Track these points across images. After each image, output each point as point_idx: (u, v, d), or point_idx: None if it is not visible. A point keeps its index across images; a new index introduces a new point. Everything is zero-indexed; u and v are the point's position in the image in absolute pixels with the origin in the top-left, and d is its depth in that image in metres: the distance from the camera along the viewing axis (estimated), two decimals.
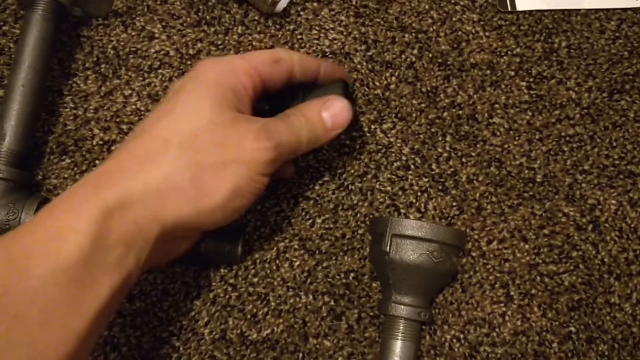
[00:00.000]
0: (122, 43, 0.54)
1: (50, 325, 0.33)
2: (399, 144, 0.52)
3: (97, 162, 0.51)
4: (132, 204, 0.36)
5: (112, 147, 0.51)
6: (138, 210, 0.36)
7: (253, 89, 0.42)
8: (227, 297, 0.48)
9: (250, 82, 0.41)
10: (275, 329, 0.48)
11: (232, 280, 0.49)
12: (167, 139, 0.38)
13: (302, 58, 0.45)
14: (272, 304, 0.48)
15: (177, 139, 0.38)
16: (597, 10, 0.56)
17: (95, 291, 0.34)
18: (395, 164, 0.52)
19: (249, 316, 0.48)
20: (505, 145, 0.52)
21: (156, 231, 0.37)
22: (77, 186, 0.37)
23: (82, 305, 0.34)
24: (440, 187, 0.51)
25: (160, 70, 0.54)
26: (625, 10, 0.56)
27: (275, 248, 0.49)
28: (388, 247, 0.45)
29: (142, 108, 0.52)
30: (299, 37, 0.55)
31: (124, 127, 0.52)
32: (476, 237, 0.50)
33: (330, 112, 0.44)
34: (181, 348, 0.47)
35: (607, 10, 0.56)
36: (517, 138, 0.53)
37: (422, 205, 0.51)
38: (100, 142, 0.51)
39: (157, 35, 0.55)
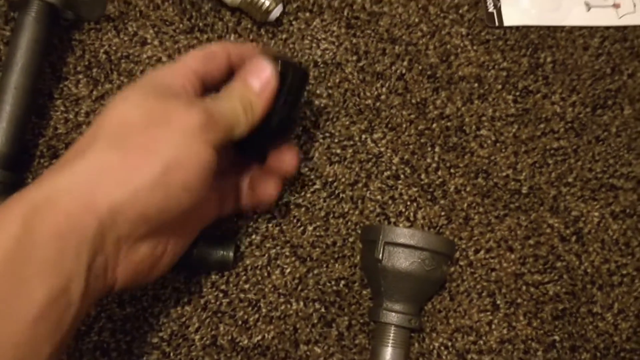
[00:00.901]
0: (114, 48, 0.54)
1: None
2: (389, 154, 0.53)
3: None
4: (59, 197, 0.34)
5: None
6: (67, 203, 0.34)
7: (192, 87, 0.40)
8: (218, 303, 0.48)
9: (187, 81, 0.40)
10: (266, 335, 0.48)
11: (223, 287, 0.49)
12: (95, 133, 0.37)
13: (237, 48, 0.44)
14: (263, 310, 0.48)
15: (105, 130, 0.37)
16: (581, 28, 0.58)
17: (28, 292, 0.32)
18: (385, 174, 0.52)
19: (240, 322, 0.48)
20: (492, 157, 0.53)
21: (93, 223, 0.34)
22: (10, 198, 0.35)
23: (14, 308, 0.32)
24: (429, 196, 0.52)
25: None
26: (607, 28, 0.58)
27: (266, 255, 0.50)
28: (380, 255, 0.45)
29: None
30: (291, 46, 0.55)
31: None
32: (464, 246, 0.51)
33: (253, 75, 0.42)
34: (172, 354, 0.47)
35: (591, 27, 0.58)
36: (503, 150, 0.54)
37: (412, 214, 0.52)
38: None
39: (149, 41, 0.55)
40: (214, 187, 0.40)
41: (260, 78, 0.42)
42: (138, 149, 0.36)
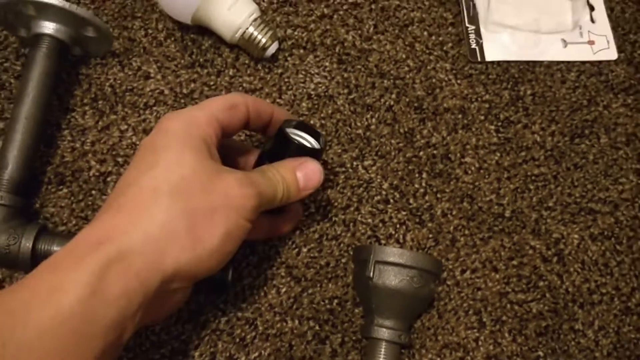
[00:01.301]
0: (118, 81, 0.57)
1: None
2: (379, 180, 0.56)
3: (93, 192, 0.53)
4: (132, 256, 0.36)
5: (108, 179, 0.54)
6: (138, 263, 0.36)
7: (216, 137, 0.42)
8: (216, 321, 0.50)
9: (213, 131, 0.42)
10: (262, 352, 0.50)
11: (221, 305, 0.51)
12: (155, 189, 0.38)
13: (255, 102, 0.46)
14: (260, 328, 0.51)
15: (166, 187, 0.38)
16: (558, 62, 0.62)
17: (91, 345, 0.34)
18: (375, 198, 0.55)
19: (237, 340, 0.50)
20: (477, 183, 0.56)
21: (157, 282, 0.37)
22: (76, 242, 0.36)
23: (79, 356, 0.34)
24: (417, 220, 0.55)
25: (155, 108, 0.57)
26: (583, 62, 0.62)
27: (263, 275, 0.52)
28: (371, 273, 0.48)
29: (138, 142, 0.55)
30: (286, 80, 0.59)
31: (119, 159, 0.55)
32: (451, 266, 0.53)
33: (303, 173, 0.45)
34: None
35: (568, 62, 0.62)
36: (487, 176, 0.57)
37: (401, 236, 0.54)
38: (97, 174, 0.54)
39: (152, 75, 0.58)
40: None
41: (308, 180, 0.46)
42: (202, 221, 0.38)
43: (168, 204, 0.37)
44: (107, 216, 0.38)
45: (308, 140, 0.47)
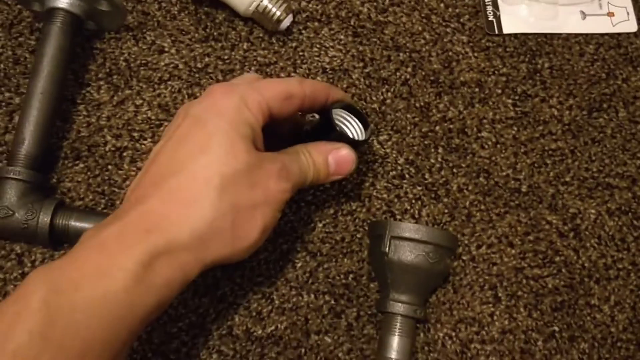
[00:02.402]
0: (133, 56, 0.57)
1: (86, 357, 0.34)
2: (394, 155, 0.55)
3: (109, 167, 0.53)
4: (178, 250, 0.37)
5: (124, 154, 0.54)
6: (183, 256, 0.37)
7: (264, 122, 0.42)
8: (233, 295, 0.51)
9: (262, 117, 0.42)
10: (279, 325, 0.50)
11: (238, 280, 0.51)
12: (207, 181, 0.38)
13: (313, 91, 0.45)
14: (276, 302, 0.51)
15: (217, 181, 0.38)
16: (577, 35, 0.61)
17: (130, 329, 0.36)
18: (391, 173, 0.55)
19: (254, 313, 0.51)
20: (493, 158, 0.56)
21: (197, 272, 0.38)
22: (125, 225, 0.37)
23: (118, 341, 0.35)
24: (432, 195, 0.55)
25: (169, 82, 0.56)
26: (602, 35, 0.61)
27: (279, 250, 0.52)
28: (387, 248, 0.48)
29: (153, 117, 0.55)
30: (300, 53, 0.58)
31: (135, 134, 0.55)
32: (466, 242, 0.53)
33: (335, 159, 0.46)
34: (190, 343, 0.49)
35: (586, 34, 0.61)
36: (503, 151, 0.56)
37: (416, 211, 0.54)
38: (113, 149, 0.54)
39: (166, 49, 0.58)
40: None
41: (339, 167, 0.46)
42: (244, 217, 0.39)
43: (217, 199, 0.38)
44: (157, 201, 0.38)
45: (354, 127, 0.47)
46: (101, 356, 0.35)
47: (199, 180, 0.38)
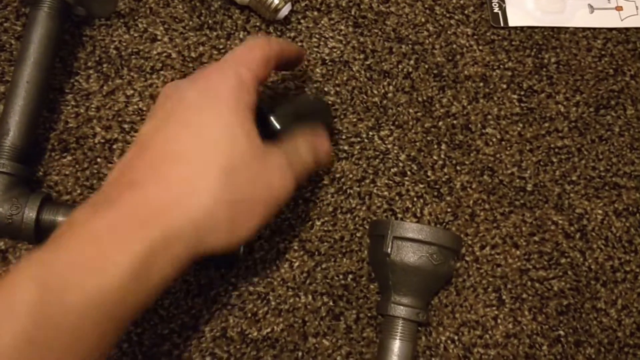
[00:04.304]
0: (124, 44, 0.55)
1: (75, 355, 0.33)
2: (396, 151, 0.53)
3: (98, 159, 0.51)
4: (175, 242, 0.35)
5: (114, 146, 0.52)
6: (179, 248, 0.36)
7: (256, 94, 0.41)
8: (227, 295, 0.49)
9: (255, 92, 0.41)
10: (275, 327, 0.48)
11: (232, 280, 0.49)
12: (207, 171, 0.37)
13: (284, 50, 0.44)
14: (272, 303, 0.49)
15: (218, 172, 0.37)
16: (584, 29, 0.59)
17: (120, 325, 0.35)
18: (392, 170, 0.53)
19: (249, 315, 0.49)
20: (498, 155, 0.54)
21: (190, 263, 0.37)
22: (121, 216, 0.35)
23: (105, 338, 0.34)
24: (435, 193, 0.53)
25: (162, 72, 0.54)
26: (610, 30, 0.59)
27: (275, 249, 0.50)
28: (389, 249, 0.46)
29: (144, 108, 0.53)
30: (299, 44, 0.56)
31: (125, 126, 0.52)
32: (470, 242, 0.52)
33: (316, 148, 0.45)
34: (182, 345, 0.47)
35: (594, 29, 0.59)
36: (508, 148, 0.54)
37: (418, 210, 0.52)
38: (102, 141, 0.52)
39: (159, 38, 0.55)
40: None
41: (320, 154, 0.45)
42: (243, 211, 0.38)
43: (216, 189, 0.37)
44: (153, 188, 0.36)
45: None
46: (90, 355, 0.33)
47: (199, 169, 0.37)
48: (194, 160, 0.37)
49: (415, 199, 0.52)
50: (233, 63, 0.41)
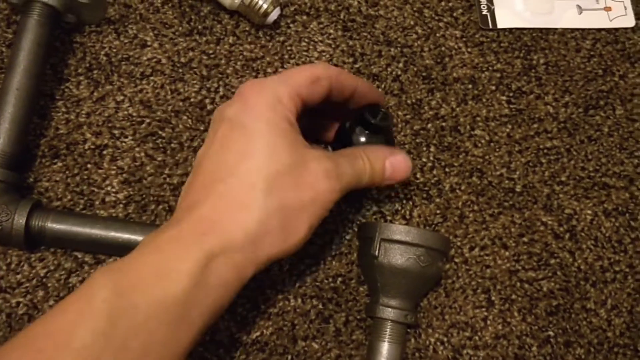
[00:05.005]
0: (114, 50, 0.55)
1: (148, 356, 0.35)
2: None
3: (88, 165, 0.51)
4: (232, 251, 0.38)
5: (104, 152, 0.52)
6: (238, 256, 0.38)
7: (297, 113, 0.43)
8: None
9: (295, 107, 0.42)
10: (264, 331, 0.49)
11: None
12: (253, 185, 0.39)
13: (339, 75, 0.45)
14: (262, 306, 0.49)
15: (263, 184, 0.39)
16: (573, 30, 0.59)
17: (190, 329, 0.37)
18: None
19: (238, 318, 0.49)
20: (487, 157, 0.54)
21: (252, 272, 0.39)
22: (181, 228, 0.38)
23: (177, 342, 0.36)
24: (424, 195, 0.53)
25: (152, 77, 0.54)
26: (599, 30, 0.59)
27: None
28: (377, 251, 0.46)
29: (134, 114, 0.53)
30: (288, 48, 0.56)
31: (115, 132, 0.53)
32: (459, 244, 0.52)
33: (393, 164, 0.46)
34: None
35: (583, 29, 0.59)
36: (497, 150, 0.55)
37: (407, 212, 0.52)
38: (92, 147, 0.52)
39: (149, 43, 0.56)
40: None
41: (395, 172, 0.46)
42: (292, 217, 0.40)
43: (264, 201, 0.39)
44: (208, 207, 0.39)
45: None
46: (162, 358, 0.36)
47: (246, 184, 0.39)
48: (239, 176, 0.40)
49: (404, 201, 0.53)
50: (272, 80, 0.43)
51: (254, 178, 0.40)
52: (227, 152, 0.41)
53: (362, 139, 0.47)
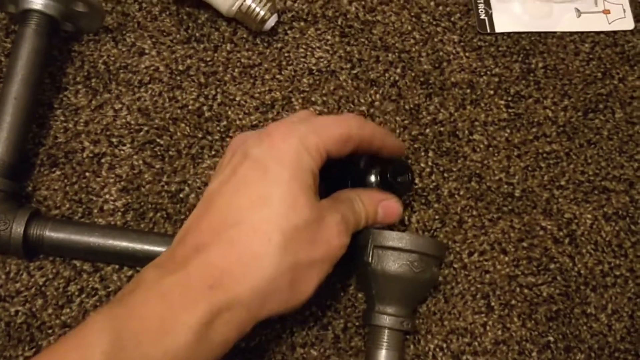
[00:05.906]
0: (112, 58, 0.55)
1: None
2: None
3: (87, 174, 0.52)
4: (238, 308, 0.37)
5: (102, 160, 0.52)
6: (242, 314, 0.37)
7: (321, 166, 0.41)
8: None
9: (320, 160, 0.41)
10: (262, 338, 0.48)
11: None
12: (268, 237, 0.38)
13: (372, 135, 0.44)
14: None
15: (279, 238, 0.38)
16: (571, 33, 0.59)
17: None
18: None
19: None
20: (485, 161, 0.54)
21: (251, 327, 0.39)
22: (189, 278, 0.37)
23: None
24: (423, 200, 0.53)
25: (150, 85, 0.55)
26: (598, 33, 0.59)
27: None
28: (370, 258, 0.46)
29: (132, 122, 0.53)
30: (286, 55, 0.56)
31: (114, 140, 0.53)
32: (458, 249, 0.52)
33: (384, 208, 0.45)
34: None
35: (581, 33, 0.59)
36: (496, 154, 0.54)
37: (406, 218, 0.52)
38: (91, 155, 0.52)
39: (147, 51, 0.56)
40: None
41: (387, 216, 0.46)
42: (302, 275, 0.39)
43: (279, 258, 0.38)
44: (218, 253, 0.38)
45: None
46: None
47: (260, 234, 0.38)
48: (255, 224, 0.38)
49: (402, 207, 0.52)
50: (303, 127, 0.41)
51: (270, 229, 0.38)
52: (243, 194, 0.39)
53: (373, 183, 0.47)
